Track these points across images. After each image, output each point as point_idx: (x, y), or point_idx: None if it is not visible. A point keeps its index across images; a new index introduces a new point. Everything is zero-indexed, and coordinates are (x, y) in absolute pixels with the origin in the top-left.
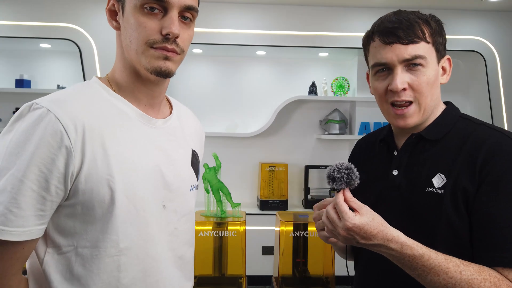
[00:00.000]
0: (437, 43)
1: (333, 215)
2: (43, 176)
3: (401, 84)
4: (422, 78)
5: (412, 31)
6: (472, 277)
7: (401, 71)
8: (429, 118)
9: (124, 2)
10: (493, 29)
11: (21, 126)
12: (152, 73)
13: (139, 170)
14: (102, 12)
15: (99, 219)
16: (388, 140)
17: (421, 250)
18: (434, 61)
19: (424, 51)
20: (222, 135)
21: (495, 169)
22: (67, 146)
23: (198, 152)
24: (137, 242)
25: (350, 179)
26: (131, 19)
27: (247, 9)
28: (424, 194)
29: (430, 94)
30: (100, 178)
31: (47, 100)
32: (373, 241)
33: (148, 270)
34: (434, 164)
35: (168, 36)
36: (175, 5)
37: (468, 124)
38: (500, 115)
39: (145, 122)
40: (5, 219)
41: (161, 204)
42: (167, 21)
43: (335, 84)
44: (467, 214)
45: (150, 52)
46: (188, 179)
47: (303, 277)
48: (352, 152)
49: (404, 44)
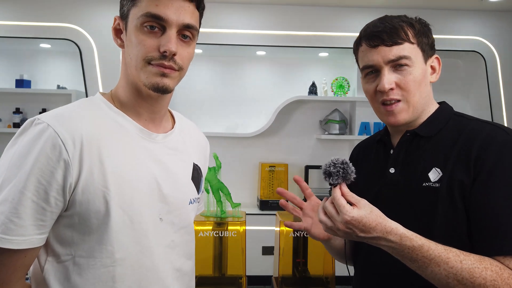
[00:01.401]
0: (422, 43)
1: (331, 210)
2: (43, 188)
3: (388, 84)
4: (408, 77)
5: (396, 33)
6: (473, 266)
7: (387, 72)
8: (421, 116)
9: (127, 22)
10: (493, 29)
11: (24, 140)
12: (150, 89)
13: (134, 183)
14: (102, 12)
15: (95, 230)
16: (385, 140)
17: (420, 241)
18: (421, 60)
19: (408, 51)
20: (222, 135)
21: (490, 159)
22: (65, 160)
23: (201, 166)
24: (132, 253)
25: (346, 174)
26: (133, 37)
27: (247, 9)
28: (421, 189)
29: (418, 92)
30: (96, 190)
31: (49, 115)
32: (372, 234)
33: (144, 281)
34: (429, 159)
35: (165, 54)
36: (173, 23)
37: (461, 121)
38: (500, 115)
39: (145, 136)
40: (6, 228)
41: (157, 216)
42: (165, 39)
43: (335, 84)
44: (463, 206)
45: (148, 69)
46: (188, 192)
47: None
48: (351, 154)
49: (388, 46)
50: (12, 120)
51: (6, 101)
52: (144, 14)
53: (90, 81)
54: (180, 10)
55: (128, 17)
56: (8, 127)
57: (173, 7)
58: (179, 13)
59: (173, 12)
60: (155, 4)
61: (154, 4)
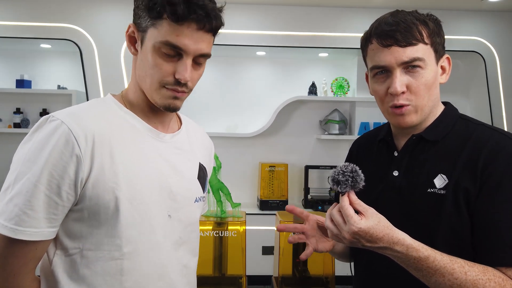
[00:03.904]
0: (435, 43)
1: (338, 219)
2: (56, 182)
3: (401, 87)
4: (420, 81)
5: (410, 33)
6: (477, 278)
7: (400, 74)
8: (428, 118)
9: (145, 37)
10: (492, 30)
11: (39, 136)
12: (161, 108)
13: (144, 179)
14: (102, 12)
15: (104, 224)
16: (388, 141)
17: (427, 252)
18: (433, 62)
19: (422, 53)
20: (222, 135)
21: (497, 170)
22: (78, 155)
23: (206, 166)
24: (141, 248)
25: (355, 182)
26: (149, 57)
27: (247, 10)
28: (426, 194)
29: (427, 96)
30: (106, 185)
31: (63, 113)
32: (379, 244)
33: (151, 275)
34: (435, 165)
35: (180, 80)
36: (190, 53)
37: (467, 125)
38: (500, 115)
39: (154, 136)
40: (20, 220)
41: (166, 213)
42: (181, 67)
43: (335, 84)
44: (468, 214)
45: (163, 92)
46: (194, 190)
47: (303, 277)
48: (350, 150)
49: (402, 47)
50: (12, 120)
51: (6, 101)
52: (164, 42)
53: (91, 81)
54: (199, 41)
55: (146, 33)
56: (8, 127)
57: (193, 39)
58: (198, 43)
59: (193, 43)
60: (175, 34)
61: (174, 34)
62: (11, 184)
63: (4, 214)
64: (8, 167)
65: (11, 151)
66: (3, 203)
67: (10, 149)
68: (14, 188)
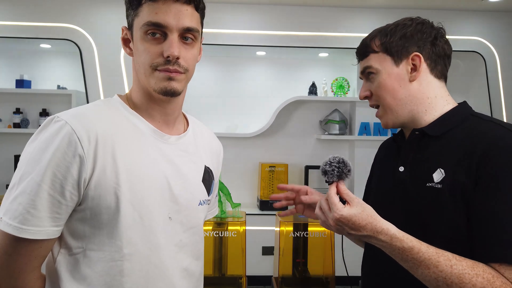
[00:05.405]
0: (390, 48)
1: (325, 206)
2: (59, 182)
3: (363, 92)
4: (375, 84)
5: (364, 48)
6: (463, 272)
7: (364, 82)
8: (426, 115)
9: (133, 31)
10: (493, 30)
11: (43, 136)
12: (160, 93)
13: (146, 181)
14: (102, 12)
15: (105, 225)
16: (397, 139)
17: (411, 243)
18: (389, 65)
19: (372, 61)
20: (222, 135)
21: (492, 164)
22: (80, 155)
23: (213, 169)
24: (141, 249)
25: (341, 173)
26: (139, 46)
27: (247, 10)
28: (425, 188)
29: (389, 95)
30: (108, 186)
31: (68, 114)
32: (362, 232)
33: (151, 277)
34: (436, 159)
35: (169, 58)
36: (173, 28)
37: (475, 121)
38: (500, 115)
39: (158, 137)
40: (24, 219)
41: (167, 215)
42: (167, 44)
43: (335, 84)
44: (464, 209)
45: (155, 74)
46: (197, 193)
47: (303, 277)
48: (375, 155)
49: (361, 61)
50: (12, 120)
51: (6, 101)
52: (145, 23)
53: (91, 81)
54: (179, 15)
55: (133, 27)
56: (8, 127)
57: (171, 13)
58: (178, 17)
59: (172, 18)
60: (154, 12)
61: (153, 12)
62: (16, 183)
63: (8, 213)
64: (8, 167)
65: (11, 151)
66: (8, 202)
67: (10, 149)
68: (19, 187)
